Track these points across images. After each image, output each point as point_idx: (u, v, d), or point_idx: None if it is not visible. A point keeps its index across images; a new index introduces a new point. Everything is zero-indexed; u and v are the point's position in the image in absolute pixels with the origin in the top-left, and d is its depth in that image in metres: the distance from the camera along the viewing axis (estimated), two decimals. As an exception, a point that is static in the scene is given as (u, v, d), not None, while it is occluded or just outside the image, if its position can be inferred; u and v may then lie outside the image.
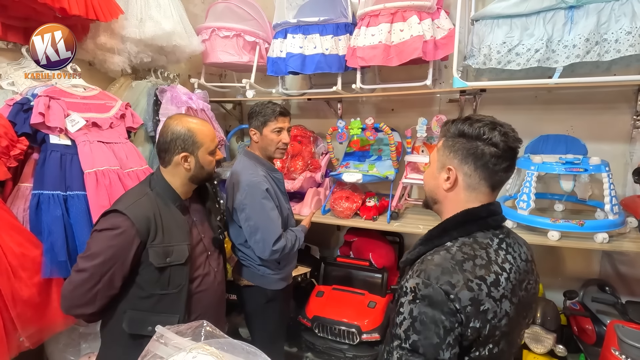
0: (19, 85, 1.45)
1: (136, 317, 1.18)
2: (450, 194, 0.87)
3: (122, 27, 1.73)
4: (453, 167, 0.85)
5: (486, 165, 0.81)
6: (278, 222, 1.52)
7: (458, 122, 0.85)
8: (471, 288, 0.73)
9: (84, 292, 1.11)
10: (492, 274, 0.76)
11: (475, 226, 0.83)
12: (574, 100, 1.94)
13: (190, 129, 1.22)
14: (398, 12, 1.69)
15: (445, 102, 2.23)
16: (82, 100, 1.53)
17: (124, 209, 1.13)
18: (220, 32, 2.13)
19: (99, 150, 1.46)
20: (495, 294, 0.75)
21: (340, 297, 2.05)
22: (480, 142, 0.81)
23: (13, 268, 1.23)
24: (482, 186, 0.83)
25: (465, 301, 0.71)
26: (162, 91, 1.90)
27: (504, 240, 0.84)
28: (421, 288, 0.74)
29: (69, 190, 1.37)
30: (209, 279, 1.33)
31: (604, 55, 1.47)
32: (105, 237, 1.11)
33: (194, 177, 1.26)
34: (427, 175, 0.94)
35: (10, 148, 1.26)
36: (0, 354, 1.21)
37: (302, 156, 2.26)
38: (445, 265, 0.75)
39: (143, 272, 1.17)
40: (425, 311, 0.72)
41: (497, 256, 0.80)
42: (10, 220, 1.26)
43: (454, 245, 0.80)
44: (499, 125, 0.82)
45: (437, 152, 0.90)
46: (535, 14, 1.55)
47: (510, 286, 0.78)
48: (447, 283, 0.72)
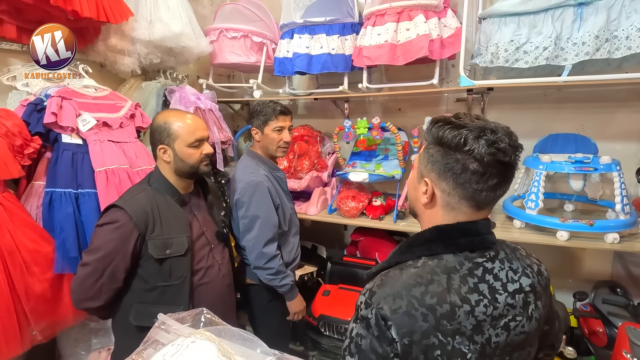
0: (32, 86, 1.49)
1: (142, 310, 1.22)
2: (428, 210, 0.75)
3: (132, 29, 1.76)
4: (430, 181, 0.72)
5: (467, 183, 0.67)
6: (273, 225, 1.53)
7: (440, 124, 0.70)
8: (412, 317, 0.63)
9: (89, 286, 1.16)
10: (445, 305, 0.64)
11: (441, 246, 0.71)
12: (584, 98, 1.90)
13: (166, 122, 1.25)
14: (404, 11, 1.69)
15: (452, 101, 2.22)
16: (93, 101, 1.56)
17: (122, 203, 1.18)
18: (228, 33, 2.15)
19: (109, 149, 1.50)
20: (445, 328, 0.63)
21: (347, 296, 2.05)
22: (460, 155, 0.67)
23: (27, 263, 1.27)
24: (463, 206, 0.70)
25: (402, 331, 0.62)
26: (171, 92, 1.94)
27: (482, 265, 0.70)
28: (362, 308, 0.67)
29: (80, 188, 1.40)
30: (212, 271, 1.36)
31: (614, 53, 1.44)
32: (105, 231, 1.17)
33: (178, 170, 1.28)
34: (409, 182, 0.83)
35: (24, 147, 1.30)
36: (14, 347, 1.25)
37: (308, 156, 2.27)
38: (391, 288, 0.66)
39: (145, 264, 1.22)
40: (361, 333, 0.66)
41: (461, 284, 0.67)
42: (24, 217, 1.30)
43: (412, 266, 0.70)
44: (489, 131, 0.66)
45: (418, 158, 0.77)
46: (543, 12, 1.53)
47: (473, 322, 0.65)
48: (387, 308, 0.64)
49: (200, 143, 1.28)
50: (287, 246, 1.64)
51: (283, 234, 1.61)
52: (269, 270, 1.51)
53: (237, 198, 1.51)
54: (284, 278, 1.55)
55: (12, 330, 1.24)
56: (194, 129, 1.27)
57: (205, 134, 1.31)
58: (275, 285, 1.55)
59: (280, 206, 1.57)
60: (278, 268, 1.52)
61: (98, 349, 1.68)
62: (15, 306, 1.25)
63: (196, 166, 1.28)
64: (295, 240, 1.70)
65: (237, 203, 1.52)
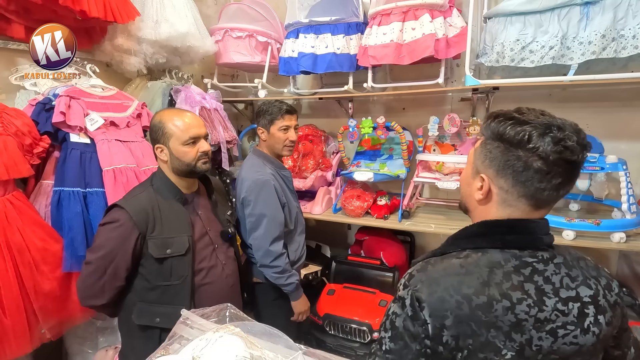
0: (40, 86, 1.50)
1: (144, 309, 1.23)
2: (482, 206, 0.73)
3: (139, 28, 1.77)
4: (487, 178, 0.70)
5: (529, 181, 0.65)
6: (279, 223, 1.53)
7: (500, 119, 0.68)
8: (446, 302, 0.64)
9: (92, 284, 1.18)
10: (482, 296, 0.63)
11: (486, 241, 0.70)
12: (590, 98, 1.90)
13: (161, 120, 1.25)
14: (410, 10, 1.70)
15: (457, 100, 2.22)
16: (101, 100, 1.57)
17: (123, 203, 1.20)
18: (232, 33, 2.16)
19: (116, 148, 1.51)
20: (479, 318, 0.63)
21: (351, 295, 2.06)
22: (522, 152, 0.64)
23: (36, 262, 1.28)
24: (521, 204, 0.68)
25: (435, 314, 0.63)
26: (177, 91, 1.94)
27: (531, 265, 0.67)
28: (400, 289, 0.70)
29: (88, 187, 1.42)
30: (215, 271, 1.34)
31: (620, 52, 1.44)
32: (107, 230, 1.18)
33: (175, 169, 1.27)
34: (462, 177, 0.81)
35: (33, 146, 1.31)
36: (23, 345, 1.26)
37: (313, 155, 2.28)
38: (430, 274, 0.68)
39: (146, 263, 1.22)
40: (396, 312, 0.68)
41: (503, 280, 0.65)
42: (33, 216, 1.31)
43: (455, 256, 0.70)
44: (556, 128, 0.62)
45: (473, 153, 0.75)
46: (549, 11, 1.53)
47: (512, 319, 0.63)
48: (423, 291, 0.66)
49: (195, 141, 1.26)
50: (293, 245, 1.65)
51: (289, 232, 1.62)
52: (275, 269, 1.52)
53: (244, 196, 1.52)
54: (289, 277, 1.55)
55: (22, 328, 1.25)
56: (188, 126, 1.25)
57: (202, 131, 1.29)
58: (281, 284, 1.55)
59: (287, 205, 1.57)
60: (284, 266, 1.52)
61: (105, 347, 1.69)
62: (24, 304, 1.26)
63: (192, 164, 1.27)
64: (301, 239, 1.71)
65: (244, 201, 1.52)
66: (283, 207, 1.55)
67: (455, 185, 1.82)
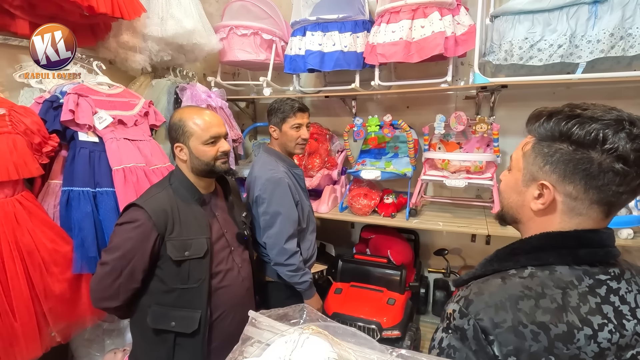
0: (46, 83, 1.47)
1: (159, 312, 1.20)
2: (540, 217, 0.65)
3: (144, 25, 1.75)
4: (550, 184, 0.62)
5: (606, 186, 0.57)
6: (294, 221, 1.52)
7: (559, 118, 0.60)
8: (521, 334, 0.55)
9: (107, 285, 1.14)
10: (561, 324, 0.55)
11: (554, 256, 0.61)
12: (594, 96, 1.93)
13: (181, 119, 1.22)
14: (419, 8, 1.70)
15: (461, 99, 2.23)
16: (108, 98, 1.54)
17: (142, 202, 1.16)
18: (237, 31, 2.13)
19: (125, 147, 1.48)
20: (560, 352, 0.54)
21: (359, 294, 2.06)
22: (595, 153, 0.57)
23: (46, 263, 1.25)
24: (593, 212, 0.60)
25: (508, 348, 0.55)
26: (183, 89, 1.92)
27: (605, 283, 0.60)
28: (456, 317, 0.60)
29: (98, 186, 1.39)
30: (232, 274, 1.32)
31: (628, 50, 1.46)
32: (125, 230, 1.14)
33: (195, 168, 1.25)
34: (507, 185, 0.72)
35: (42, 145, 1.28)
36: (34, 349, 1.23)
37: (319, 154, 2.27)
38: (492, 298, 0.59)
39: (163, 265, 1.19)
40: (454, 345, 0.59)
41: (580, 303, 0.57)
42: (42, 216, 1.28)
43: (517, 275, 0.61)
44: (628, 123, 0.56)
45: (523, 157, 0.66)
46: (558, 9, 1.54)
47: (595, 349, 0.55)
48: (489, 320, 0.57)
49: (216, 140, 1.24)
50: (305, 243, 1.64)
51: (302, 230, 1.61)
52: (289, 267, 1.51)
53: (258, 194, 1.50)
54: (303, 275, 1.55)
55: (32, 331, 1.22)
56: (209, 125, 1.23)
57: (222, 130, 1.27)
58: (295, 282, 1.54)
59: (300, 203, 1.56)
60: (298, 264, 1.52)
61: (113, 349, 1.66)
62: (34, 307, 1.23)
63: (212, 164, 1.25)
64: (313, 238, 1.70)
65: (258, 199, 1.51)
66: (296, 205, 1.54)
67: (464, 183, 1.83)
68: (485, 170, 1.93)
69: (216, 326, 1.26)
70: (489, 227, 1.81)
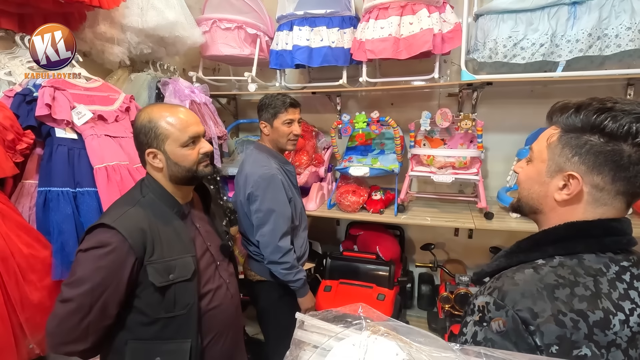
0: (16, 75, 1.35)
1: (140, 348, 1.02)
2: (564, 208, 0.66)
3: (123, 15, 1.65)
4: (578, 175, 0.63)
5: (634, 178, 0.60)
6: (287, 218, 1.50)
7: (589, 110, 0.62)
8: (562, 323, 0.55)
9: (72, 327, 0.94)
10: (598, 311, 0.56)
11: (582, 245, 0.63)
12: (568, 94, 2.03)
13: (151, 119, 1.03)
14: (408, 5, 1.71)
15: (444, 96, 2.28)
16: (86, 92, 1.44)
17: (112, 222, 0.96)
18: (221, 24, 2.07)
19: (107, 144, 1.39)
20: (600, 338, 0.55)
21: (349, 290, 2.05)
22: (627, 146, 0.59)
23: (22, 270, 1.15)
24: (618, 202, 0.63)
25: (551, 338, 0.54)
26: (165, 84, 1.83)
27: (629, 270, 0.62)
28: (491, 309, 0.59)
29: (78, 186, 1.29)
30: (221, 292, 1.17)
31: (604, 50, 1.54)
32: (92, 258, 0.94)
33: (174, 176, 1.07)
34: (527, 176, 0.72)
35: (16, 142, 1.17)
36: (10, 363, 1.13)
37: (306, 150, 2.25)
38: (528, 287, 0.59)
39: (142, 294, 1.00)
40: (492, 338, 0.58)
41: (611, 289, 0.59)
42: (17, 219, 1.17)
43: (547, 265, 0.62)
44: None
45: (547, 149, 0.67)
46: (539, 10, 1.61)
47: (629, 333, 0.57)
48: (528, 310, 0.56)
49: (195, 140, 1.07)
50: (298, 240, 1.62)
51: (294, 228, 1.59)
52: (284, 265, 1.48)
53: (251, 192, 1.46)
54: (297, 273, 1.52)
55: (8, 343, 1.12)
56: (186, 124, 1.05)
57: (201, 129, 1.10)
58: (289, 280, 1.52)
59: (292, 200, 1.54)
60: (292, 262, 1.49)
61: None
62: (10, 317, 1.13)
63: (194, 169, 1.08)
64: (305, 235, 1.68)
65: (250, 197, 1.47)
66: (289, 202, 1.51)
67: (451, 179, 1.87)
68: (470, 166, 1.98)
69: (208, 352, 1.11)
70: (475, 221, 1.85)
